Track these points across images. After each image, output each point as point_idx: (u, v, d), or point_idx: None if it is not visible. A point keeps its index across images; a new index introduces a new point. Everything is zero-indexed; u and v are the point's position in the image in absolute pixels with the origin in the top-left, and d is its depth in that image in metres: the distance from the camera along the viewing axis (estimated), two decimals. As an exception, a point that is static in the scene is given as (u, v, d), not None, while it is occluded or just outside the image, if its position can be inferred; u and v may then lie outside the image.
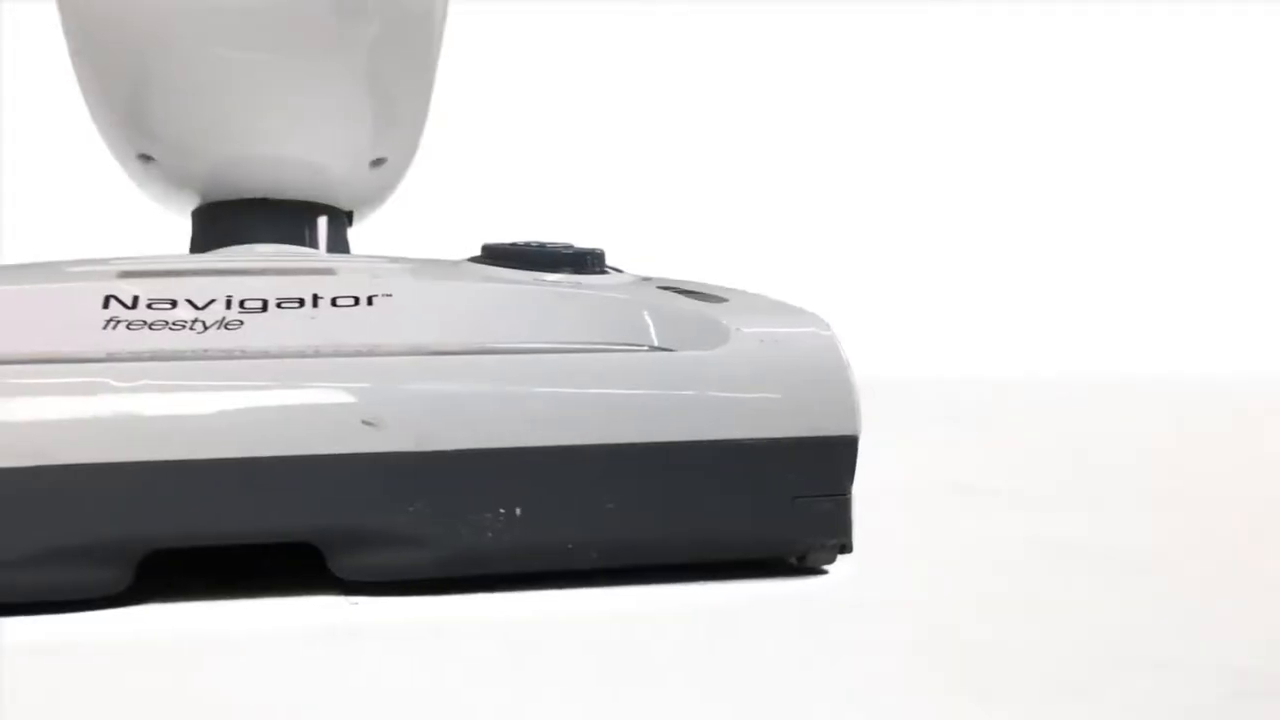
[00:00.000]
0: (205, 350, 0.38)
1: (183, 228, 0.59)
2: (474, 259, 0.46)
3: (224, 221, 0.51)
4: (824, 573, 0.38)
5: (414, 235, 0.61)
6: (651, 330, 0.38)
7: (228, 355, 0.37)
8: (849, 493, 0.37)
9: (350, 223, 0.55)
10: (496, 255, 0.45)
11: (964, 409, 0.86)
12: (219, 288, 0.40)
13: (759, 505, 0.36)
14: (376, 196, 0.55)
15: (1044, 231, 1.23)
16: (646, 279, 0.44)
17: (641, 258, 0.51)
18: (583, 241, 0.46)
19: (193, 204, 0.53)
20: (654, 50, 1.17)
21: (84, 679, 0.30)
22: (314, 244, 0.52)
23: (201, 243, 0.52)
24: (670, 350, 0.38)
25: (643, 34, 1.17)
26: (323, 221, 0.52)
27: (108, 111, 0.49)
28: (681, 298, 0.40)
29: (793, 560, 0.38)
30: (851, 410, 0.36)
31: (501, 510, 0.35)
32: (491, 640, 0.32)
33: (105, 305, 0.39)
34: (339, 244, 0.53)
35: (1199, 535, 0.46)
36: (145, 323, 0.38)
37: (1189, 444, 0.74)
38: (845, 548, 0.37)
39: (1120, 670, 0.30)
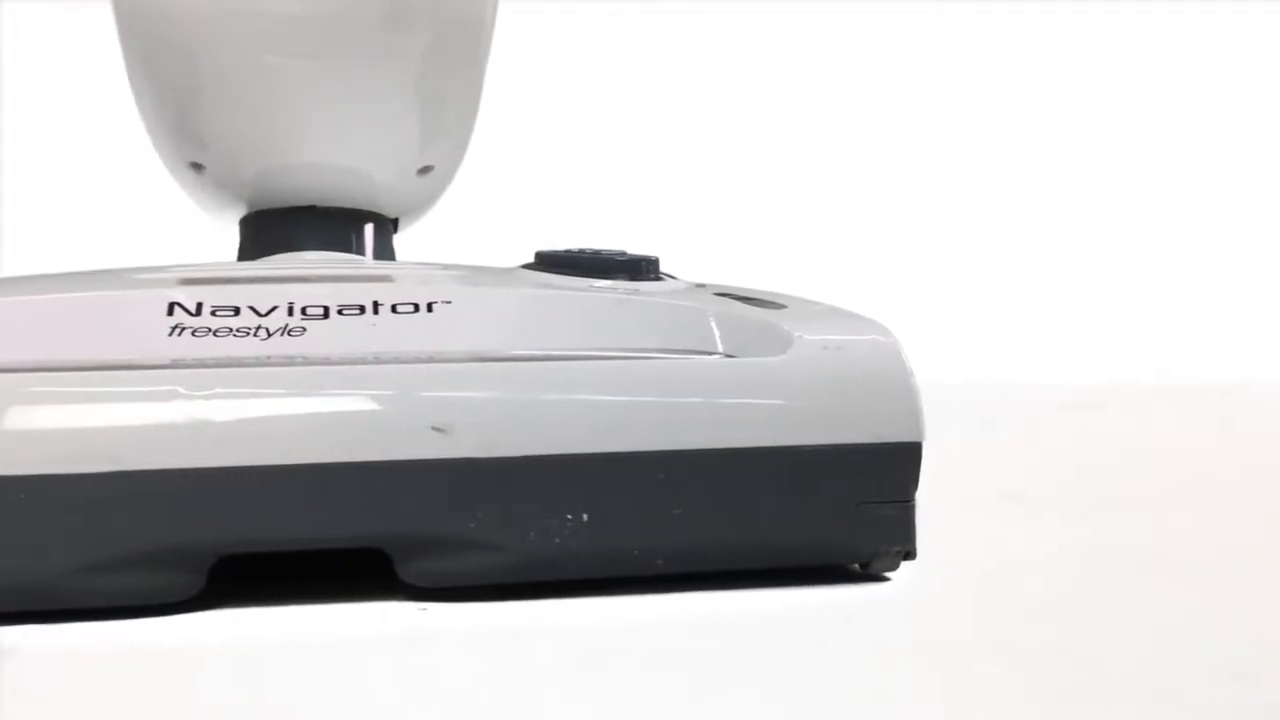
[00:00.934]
0: (269, 357, 0.38)
1: (222, 236, 0.59)
2: (527, 266, 0.46)
3: (272, 229, 0.51)
4: (886, 579, 0.38)
5: (454, 242, 0.61)
6: (716, 337, 0.38)
7: (294, 362, 0.37)
8: (913, 499, 0.37)
9: (395, 230, 0.55)
10: (550, 262, 0.45)
11: (997, 414, 0.86)
12: (280, 295, 0.40)
13: (824, 511, 0.36)
14: (422, 204, 0.55)
15: (1086, 235, 1.23)
16: (700, 285, 0.44)
17: (683, 264, 0.51)
18: (619, 246, 0.46)
19: (240, 212, 0.53)
20: (686, 55, 1.17)
21: (156, 684, 0.30)
22: (360, 251, 0.52)
23: (250, 250, 0.52)
24: (734, 357, 0.38)
25: (674, 39, 1.17)
26: (369, 229, 0.53)
27: (160, 120, 0.49)
28: (741, 304, 0.40)
29: (855, 567, 0.38)
30: (916, 416, 0.36)
31: (569, 516, 0.35)
32: (559, 646, 0.33)
33: (170, 312, 0.39)
34: (384, 251, 0.53)
35: (1264, 540, 0.46)
36: (210, 329, 0.39)
37: (1236, 447, 0.74)
38: (909, 554, 0.37)
39: (1197, 678, 0.30)
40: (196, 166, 0.51)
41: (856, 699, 0.29)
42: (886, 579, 0.38)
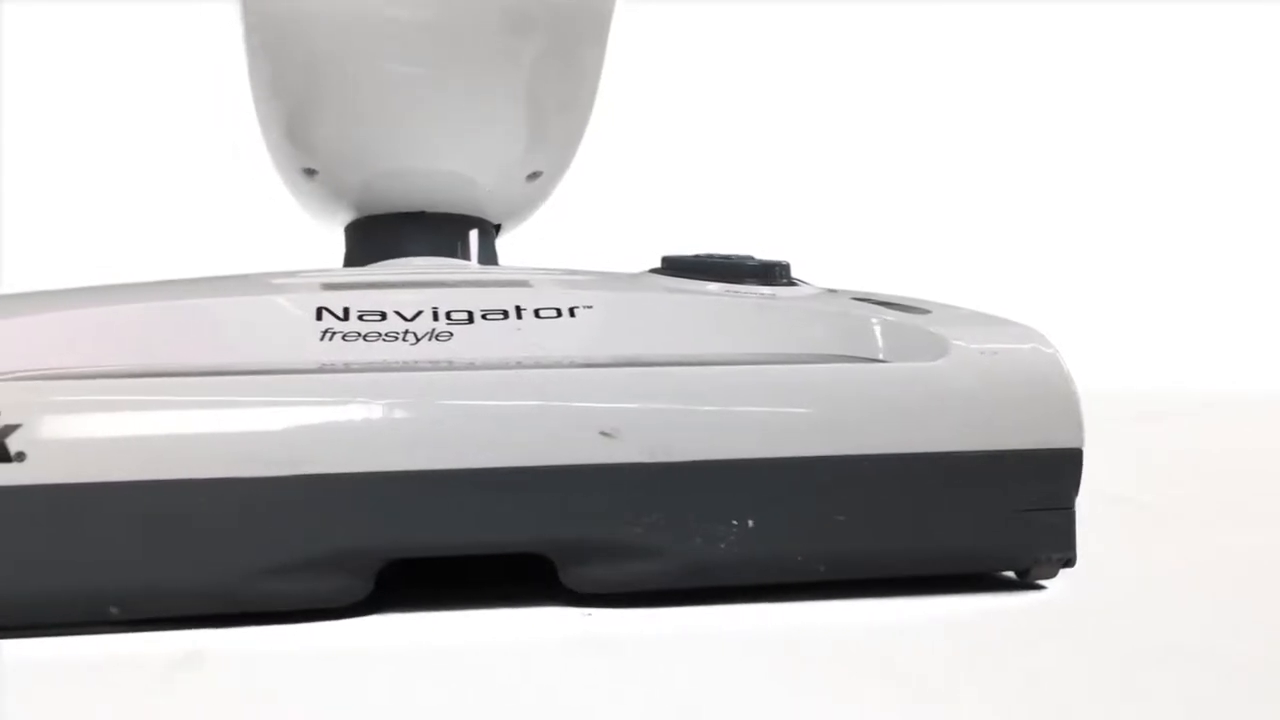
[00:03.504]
0: (417, 361, 0.38)
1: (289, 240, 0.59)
2: (655, 270, 0.46)
3: (380, 234, 0.51)
4: (1043, 587, 0.38)
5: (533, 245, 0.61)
6: (879, 342, 0.38)
7: (446, 366, 0.37)
8: (1074, 506, 0.36)
9: (497, 234, 0.55)
10: (679, 267, 0.45)
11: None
12: (424, 299, 0.40)
13: (986, 518, 0.36)
14: (527, 209, 0.55)
15: (1196, 240, 1.23)
16: (833, 290, 0.44)
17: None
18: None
19: (348, 218, 0.53)
20: (738, 55, 1.17)
21: (324, 687, 0.30)
22: (465, 256, 0.52)
23: (358, 255, 0.52)
24: (891, 362, 0.37)
25: (732, 44, 1.17)
26: (474, 234, 0.53)
27: (278, 126, 0.49)
28: (885, 309, 0.40)
29: (1012, 574, 0.38)
30: (1077, 422, 0.36)
31: (734, 522, 0.35)
32: (727, 652, 0.32)
33: (318, 317, 0.39)
34: (488, 256, 0.53)
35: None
36: (360, 334, 0.39)
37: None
38: (1069, 562, 0.37)
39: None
40: (310, 172, 0.51)
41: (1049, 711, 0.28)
42: (1043, 587, 0.38)
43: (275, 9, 0.44)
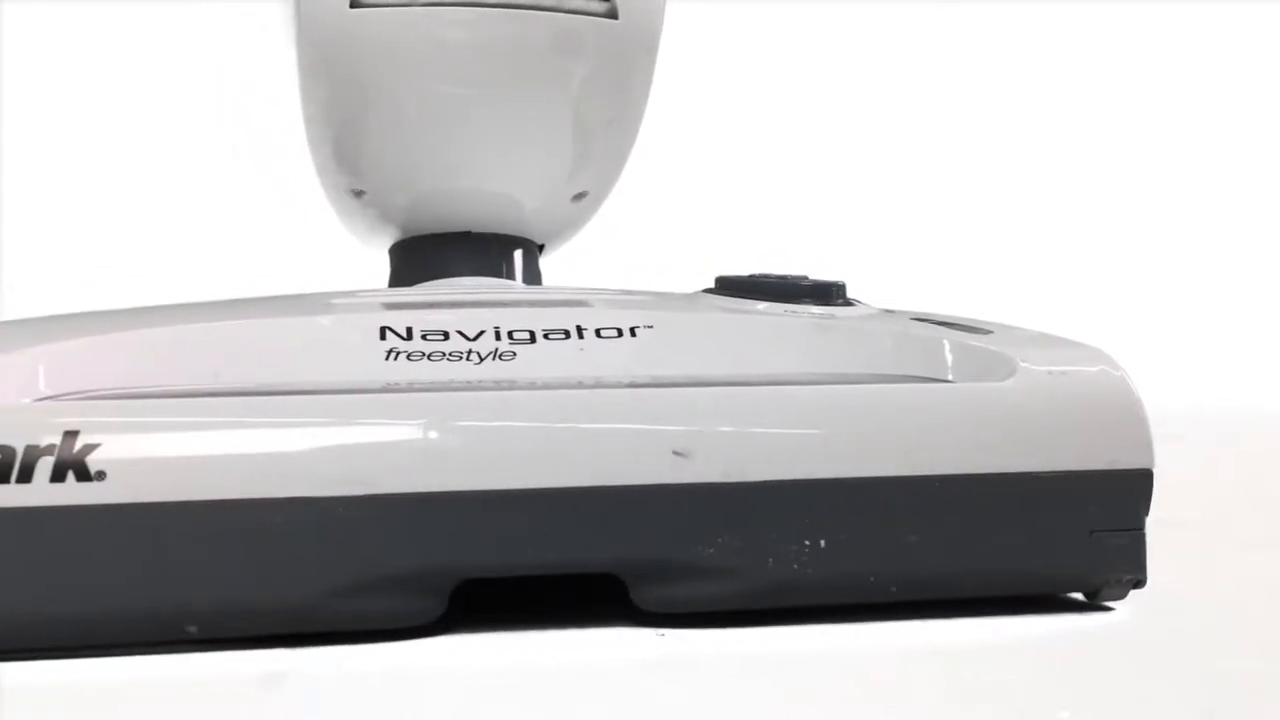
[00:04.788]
0: (481, 381, 0.38)
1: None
2: (708, 290, 0.46)
3: (426, 255, 0.51)
4: (1111, 609, 0.38)
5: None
6: (949, 362, 0.38)
7: (513, 386, 0.37)
8: (1144, 526, 0.36)
9: (541, 254, 0.55)
10: (733, 287, 0.45)
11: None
12: (486, 319, 0.40)
13: (1057, 539, 0.36)
14: (571, 229, 0.55)
15: (1220, 258, 1.23)
16: (890, 310, 0.44)
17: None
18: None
19: (393, 238, 0.53)
20: (754, 79, 1.17)
21: (407, 708, 0.30)
22: (510, 276, 0.52)
23: (404, 275, 0.52)
24: (959, 382, 0.37)
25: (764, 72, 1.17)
26: (518, 254, 0.52)
27: (328, 146, 0.49)
28: (947, 329, 0.40)
29: (1080, 596, 0.38)
30: (1147, 442, 0.36)
31: (807, 542, 0.35)
32: (802, 672, 0.32)
33: (382, 336, 0.39)
34: (533, 276, 0.53)
35: None
36: (424, 354, 0.38)
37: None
38: (1139, 583, 0.37)
39: None
40: (358, 193, 0.51)
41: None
42: (1111, 608, 0.38)
43: (330, 34, 0.44)
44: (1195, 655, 0.34)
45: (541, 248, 0.55)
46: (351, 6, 0.43)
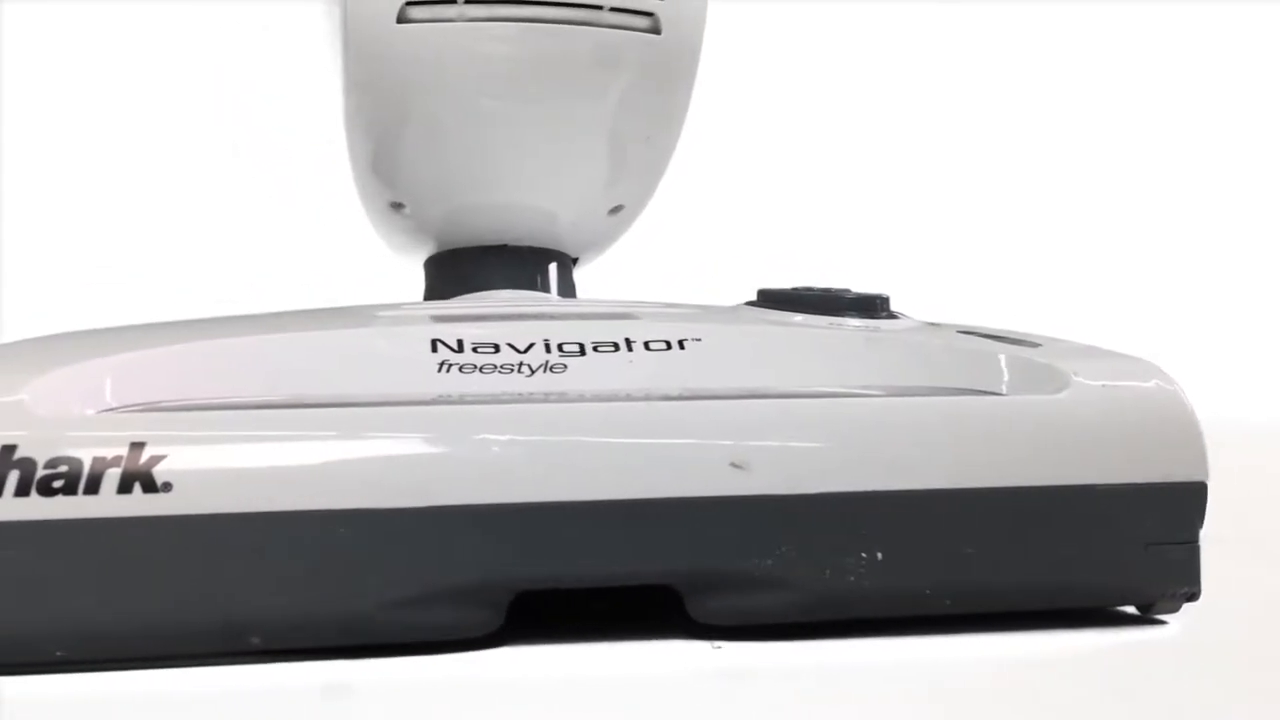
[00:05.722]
0: (532, 393, 0.38)
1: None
2: (750, 303, 0.46)
3: (463, 268, 0.51)
4: (1164, 622, 0.38)
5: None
6: (1005, 375, 0.38)
7: (564, 398, 0.37)
8: (1198, 539, 0.36)
9: (575, 266, 0.55)
10: (776, 300, 0.45)
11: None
12: (535, 332, 0.40)
13: (1113, 551, 0.36)
14: (606, 242, 0.55)
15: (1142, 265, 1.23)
16: (934, 323, 0.44)
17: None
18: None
19: (429, 251, 0.53)
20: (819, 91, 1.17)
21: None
22: (546, 289, 0.52)
23: (440, 289, 0.52)
24: (1013, 395, 0.38)
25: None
26: (553, 267, 0.53)
27: (369, 159, 0.49)
28: (995, 342, 0.40)
29: (1132, 609, 0.38)
30: (1202, 454, 0.36)
31: (863, 554, 0.35)
32: (860, 684, 0.32)
33: (434, 349, 0.39)
34: (567, 289, 0.53)
35: None
36: (476, 366, 0.39)
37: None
38: (1193, 596, 0.37)
39: None
40: (397, 206, 0.51)
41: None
42: (1164, 622, 0.38)
43: (376, 48, 0.45)
44: (1252, 669, 0.34)
45: (576, 260, 0.55)
46: (398, 22, 0.44)
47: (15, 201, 1.01)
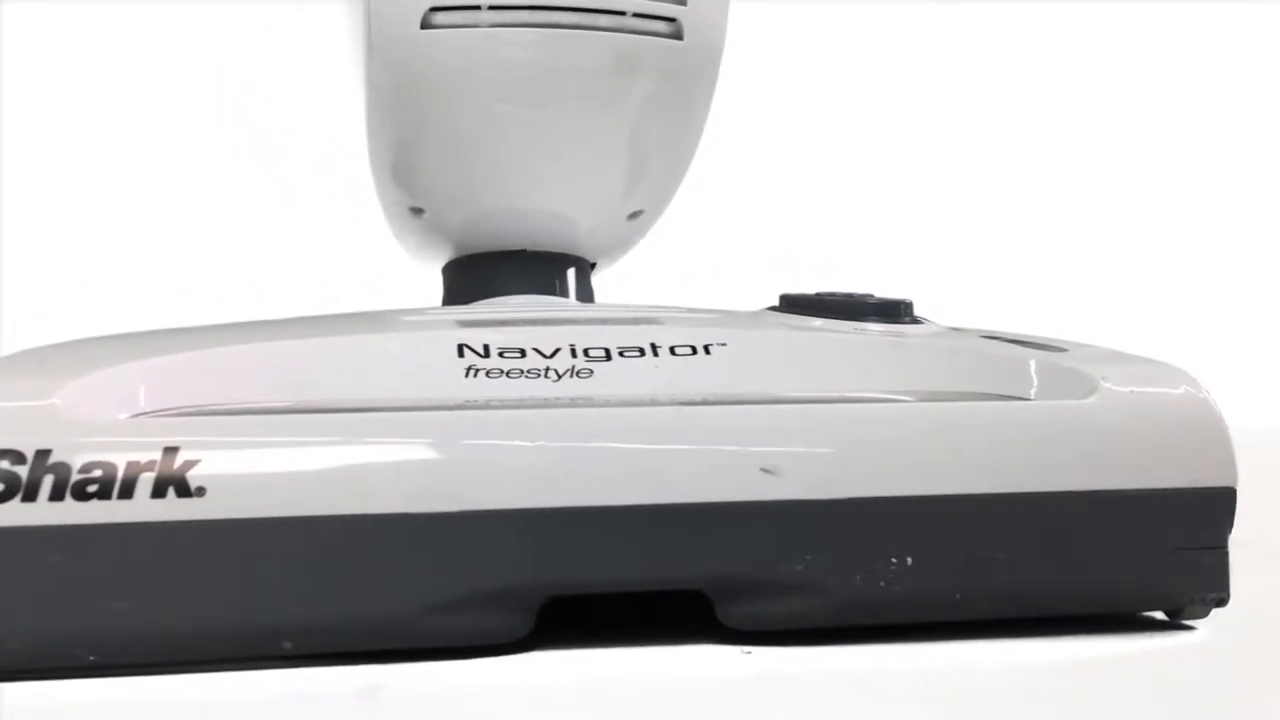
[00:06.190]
0: (559, 398, 0.38)
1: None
2: (773, 308, 0.46)
3: (482, 273, 0.51)
4: (1192, 628, 0.38)
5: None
6: (1034, 381, 0.38)
7: (590, 403, 0.37)
8: (1227, 545, 0.36)
9: (592, 271, 0.55)
10: (798, 305, 0.45)
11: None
12: (560, 336, 0.40)
13: (1142, 557, 0.36)
14: (624, 246, 0.55)
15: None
16: (958, 328, 0.44)
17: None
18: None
19: (448, 256, 0.53)
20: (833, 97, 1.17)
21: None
22: (564, 294, 0.52)
23: (458, 294, 0.52)
24: (1042, 400, 0.38)
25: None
26: (572, 272, 0.53)
27: (390, 164, 0.49)
28: (1020, 347, 0.40)
29: (1160, 614, 0.38)
30: (1230, 459, 0.36)
31: (893, 560, 0.35)
32: (891, 689, 0.32)
33: (460, 354, 0.39)
34: (585, 293, 0.53)
35: None
36: (503, 371, 0.39)
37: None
38: (1222, 601, 0.37)
39: None
40: (417, 211, 0.51)
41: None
42: (1192, 628, 0.38)
43: (400, 54, 0.45)
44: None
45: (593, 265, 0.55)
46: (422, 27, 0.44)
47: (15, 201, 1.01)
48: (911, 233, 1.16)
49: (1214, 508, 0.36)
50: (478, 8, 0.44)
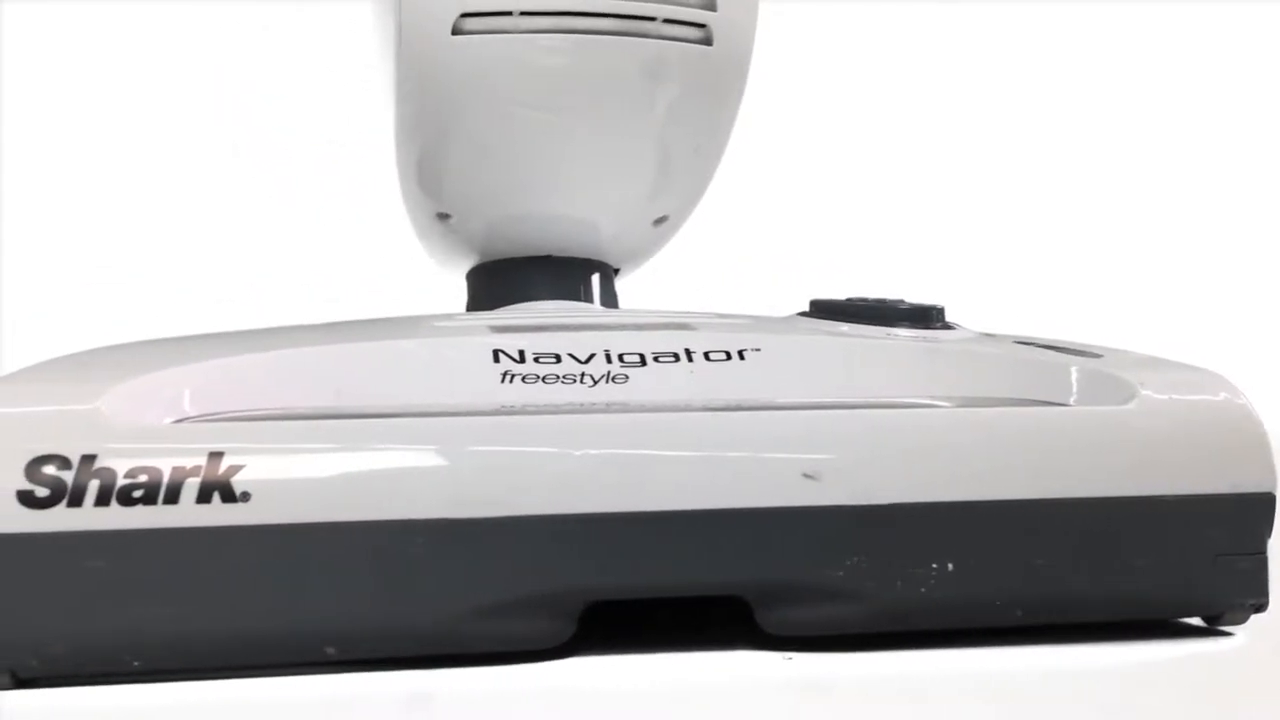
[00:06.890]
0: (594, 404, 0.38)
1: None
2: (804, 314, 0.46)
3: (507, 278, 0.51)
4: (1231, 634, 0.37)
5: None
6: (1074, 387, 0.38)
7: (626, 409, 0.37)
8: (1266, 550, 0.36)
9: (616, 276, 0.55)
10: (829, 310, 0.45)
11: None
12: (595, 342, 0.40)
13: (1181, 563, 0.36)
14: (649, 252, 0.55)
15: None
16: (990, 334, 0.44)
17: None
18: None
19: (473, 262, 0.53)
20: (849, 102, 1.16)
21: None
22: (589, 299, 0.52)
23: (483, 299, 0.52)
24: (1081, 406, 0.38)
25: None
26: (596, 277, 0.53)
27: (417, 170, 0.49)
28: (1055, 353, 0.40)
29: (1198, 620, 0.38)
30: (1270, 465, 0.36)
31: (934, 565, 0.35)
32: (932, 695, 0.32)
33: (495, 359, 0.39)
34: (609, 299, 0.53)
35: None
36: (539, 377, 0.38)
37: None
38: (1261, 607, 0.37)
39: None
40: (443, 216, 0.51)
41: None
42: (1230, 633, 0.38)
43: (431, 60, 0.44)
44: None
45: (617, 271, 0.55)
46: (453, 33, 0.43)
47: (15, 201, 1.01)
48: (933, 238, 1.16)
49: (1254, 513, 0.36)
50: (509, 14, 0.44)
